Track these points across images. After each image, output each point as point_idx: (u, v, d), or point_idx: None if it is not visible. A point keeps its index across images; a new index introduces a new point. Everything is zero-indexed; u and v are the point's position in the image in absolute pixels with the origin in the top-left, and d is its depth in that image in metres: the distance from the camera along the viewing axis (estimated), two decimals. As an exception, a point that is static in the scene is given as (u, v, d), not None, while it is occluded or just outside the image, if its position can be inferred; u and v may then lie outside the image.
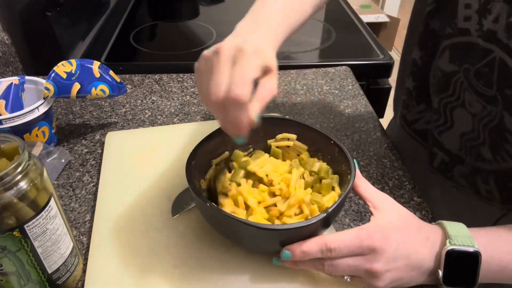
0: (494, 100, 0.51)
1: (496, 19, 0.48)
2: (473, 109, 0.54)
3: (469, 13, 0.52)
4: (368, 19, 2.65)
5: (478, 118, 0.54)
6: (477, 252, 0.44)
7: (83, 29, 1.15)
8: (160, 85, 0.87)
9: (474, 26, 0.51)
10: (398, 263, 0.44)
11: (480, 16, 0.50)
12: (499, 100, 0.50)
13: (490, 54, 0.50)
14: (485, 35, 0.50)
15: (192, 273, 0.49)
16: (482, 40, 0.50)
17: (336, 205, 0.45)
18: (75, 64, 0.65)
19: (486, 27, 0.50)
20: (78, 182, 0.63)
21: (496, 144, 0.53)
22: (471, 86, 0.53)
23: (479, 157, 0.56)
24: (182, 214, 0.55)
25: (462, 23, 0.53)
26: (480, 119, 0.54)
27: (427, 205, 0.60)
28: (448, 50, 0.56)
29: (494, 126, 0.52)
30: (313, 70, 0.93)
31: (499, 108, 0.51)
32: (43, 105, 0.63)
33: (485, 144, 0.54)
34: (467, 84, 0.54)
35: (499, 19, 0.48)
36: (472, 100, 0.54)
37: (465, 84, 0.54)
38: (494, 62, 0.49)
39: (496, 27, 0.48)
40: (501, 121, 0.51)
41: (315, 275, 0.49)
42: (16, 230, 0.39)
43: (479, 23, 0.51)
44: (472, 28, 0.52)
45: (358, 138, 0.73)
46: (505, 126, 0.51)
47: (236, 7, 1.39)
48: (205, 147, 0.53)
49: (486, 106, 0.52)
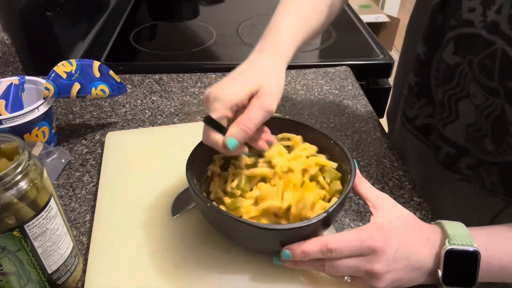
0: (496, 92, 0.51)
1: (498, 10, 0.48)
2: (476, 101, 0.54)
3: (473, 4, 0.52)
4: (368, 19, 2.65)
5: (480, 109, 0.54)
6: (476, 252, 0.44)
7: (83, 29, 1.15)
8: (160, 85, 0.87)
9: (478, 17, 0.51)
10: (398, 264, 0.44)
11: (484, 7, 0.50)
12: (500, 92, 0.50)
13: (493, 45, 0.49)
14: (488, 26, 0.50)
15: (192, 273, 0.49)
16: (485, 31, 0.50)
17: (336, 205, 0.45)
18: (75, 64, 0.65)
19: (489, 19, 0.50)
20: (78, 182, 0.63)
21: (499, 136, 0.53)
22: (474, 77, 0.53)
23: (482, 149, 0.56)
24: (182, 214, 0.55)
25: (467, 14, 0.53)
26: (482, 110, 0.53)
27: (427, 204, 0.60)
28: (452, 42, 0.56)
29: (496, 118, 0.52)
30: (313, 70, 0.93)
31: (500, 100, 0.50)
32: (43, 105, 0.63)
33: (487, 136, 0.54)
34: (471, 75, 0.54)
35: (502, 10, 0.48)
36: (476, 91, 0.53)
37: (469, 75, 0.54)
38: (496, 53, 0.49)
39: (499, 18, 0.48)
40: (502, 113, 0.51)
41: (316, 275, 0.49)
42: (16, 230, 0.39)
43: (483, 15, 0.51)
44: (476, 19, 0.52)
45: (358, 138, 0.73)
46: (507, 118, 0.51)
47: (236, 7, 1.39)
48: (205, 147, 0.53)
49: (489, 98, 0.52)
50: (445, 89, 0.59)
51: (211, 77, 0.90)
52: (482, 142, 0.55)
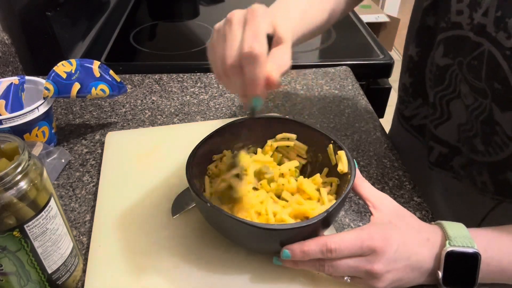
0: (484, 93, 0.51)
1: (485, 12, 0.49)
2: (467, 101, 0.55)
3: (460, 7, 0.52)
4: (368, 19, 2.65)
5: (471, 109, 0.55)
6: (476, 253, 0.44)
7: (83, 29, 1.15)
8: (160, 85, 0.87)
9: (465, 20, 0.52)
10: (398, 264, 0.44)
11: (471, 9, 0.51)
12: (488, 92, 0.51)
13: (480, 47, 0.50)
14: (475, 28, 0.51)
15: (192, 273, 0.49)
16: (473, 33, 0.51)
17: (336, 205, 0.45)
18: (75, 64, 0.65)
19: (476, 21, 0.50)
20: (78, 182, 0.63)
21: (487, 136, 0.54)
22: (464, 78, 0.54)
23: (473, 149, 0.56)
24: (182, 214, 0.55)
25: (455, 17, 0.53)
26: (472, 111, 0.54)
27: (427, 204, 0.60)
28: (442, 44, 0.57)
29: (484, 118, 0.53)
30: (313, 70, 0.93)
31: (488, 101, 0.51)
32: (43, 105, 0.63)
33: (477, 136, 0.55)
34: (461, 76, 0.55)
35: (488, 12, 0.48)
36: (466, 92, 0.54)
37: (460, 76, 0.55)
38: (483, 55, 0.50)
39: (485, 20, 0.49)
40: (490, 113, 0.52)
41: (315, 275, 0.49)
42: (16, 230, 0.39)
43: (470, 17, 0.51)
44: (464, 22, 0.53)
45: (358, 138, 0.73)
46: (495, 119, 0.51)
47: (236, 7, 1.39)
48: (205, 147, 0.53)
49: (478, 98, 0.53)
50: (437, 90, 0.60)
51: (211, 77, 0.90)
52: (473, 142, 0.56)
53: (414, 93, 0.67)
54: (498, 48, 0.48)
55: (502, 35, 0.47)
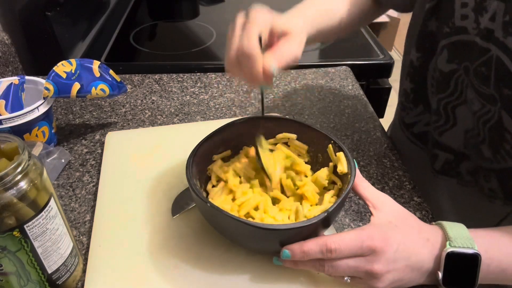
0: (493, 99, 0.50)
1: (492, 17, 0.48)
2: (474, 107, 0.54)
3: (465, 12, 0.52)
4: (368, 19, 2.64)
5: (478, 116, 0.54)
6: (476, 254, 0.44)
7: (83, 29, 1.15)
8: (160, 85, 0.87)
9: (471, 24, 0.51)
10: (398, 264, 0.44)
11: (476, 14, 0.50)
12: (497, 99, 0.50)
13: (488, 53, 0.49)
14: (482, 33, 0.50)
15: (192, 273, 0.49)
16: (479, 38, 0.50)
17: (336, 205, 0.45)
18: (75, 64, 0.65)
19: (483, 26, 0.50)
20: (78, 182, 0.63)
21: (496, 143, 0.53)
22: (471, 83, 0.53)
23: (480, 155, 0.56)
24: (182, 214, 0.55)
25: (460, 22, 0.53)
26: (479, 117, 0.53)
27: (427, 205, 0.60)
28: (446, 50, 0.56)
29: (493, 124, 0.52)
30: (313, 70, 0.93)
31: (497, 107, 0.50)
32: (43, 105, 0.63)
33: (485, 142, 0.54)
34: (468, 82, 0.54)
35: (496, 17, 0.48)
36: (473, 97, 0.53)
37: (466, 82, 0.54)
38: (492, 61, 0.49)
39: (493, 25, 0.48)
40: (499, 120, 0.51)
41: (316, 275, 0.49)
42: (16, 230, 0.39)
43: (476, 21, 0.51)
44: (469, 26, 0.52)
45: (358, 138, 0.73)
46: (504, 126, 0.50)
47: (236, 7, 1.39)
48: (205, 147, 0.53)
49: (485, 105, 0.52)
50: (440, 97, 0.59)
51: (211, 77, 0.90)
52: (480, 148, 0.55)
53: (415, 100, 0.65)
54: (507, 54, 0.47)
55: (511, 40, 0.46)
